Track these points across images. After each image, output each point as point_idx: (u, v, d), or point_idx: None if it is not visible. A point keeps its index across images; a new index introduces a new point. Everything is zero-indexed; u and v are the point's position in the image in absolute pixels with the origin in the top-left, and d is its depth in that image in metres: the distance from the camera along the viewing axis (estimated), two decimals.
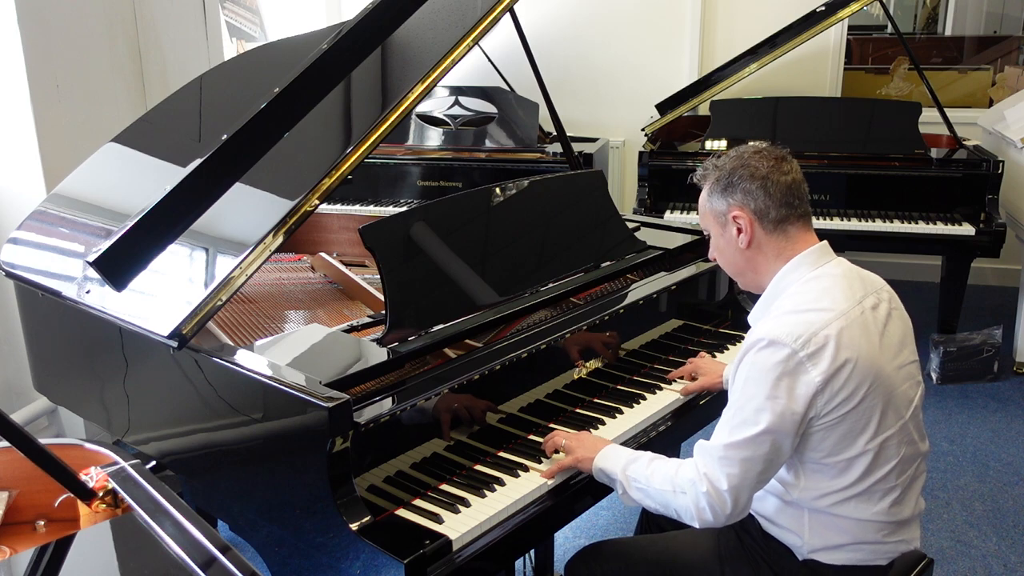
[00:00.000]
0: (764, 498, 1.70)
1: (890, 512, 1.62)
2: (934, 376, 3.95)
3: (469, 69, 4.50)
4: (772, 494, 1.67)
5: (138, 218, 1.65)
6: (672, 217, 3.99)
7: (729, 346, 2.35)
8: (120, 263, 1.65)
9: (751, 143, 1.75)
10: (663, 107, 4.37)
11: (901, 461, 1.61)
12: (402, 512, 1.60)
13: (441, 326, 1.86)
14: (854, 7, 4.00)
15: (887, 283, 1.73)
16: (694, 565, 1.76)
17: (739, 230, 1.67)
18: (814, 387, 1.52)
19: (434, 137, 4.34)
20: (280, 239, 1.79)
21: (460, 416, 1.76)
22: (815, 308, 1.58)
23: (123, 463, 1.39)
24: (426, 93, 2.04)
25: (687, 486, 1.59)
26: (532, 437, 1.87)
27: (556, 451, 1.79)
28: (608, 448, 1.74)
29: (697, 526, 1.60)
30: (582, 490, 1.76)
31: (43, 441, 1.29)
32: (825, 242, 1.70)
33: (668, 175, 4.08)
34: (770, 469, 1.57)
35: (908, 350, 1.66)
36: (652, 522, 2.07)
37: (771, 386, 1.52)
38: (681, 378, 2.14)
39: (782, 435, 1.54)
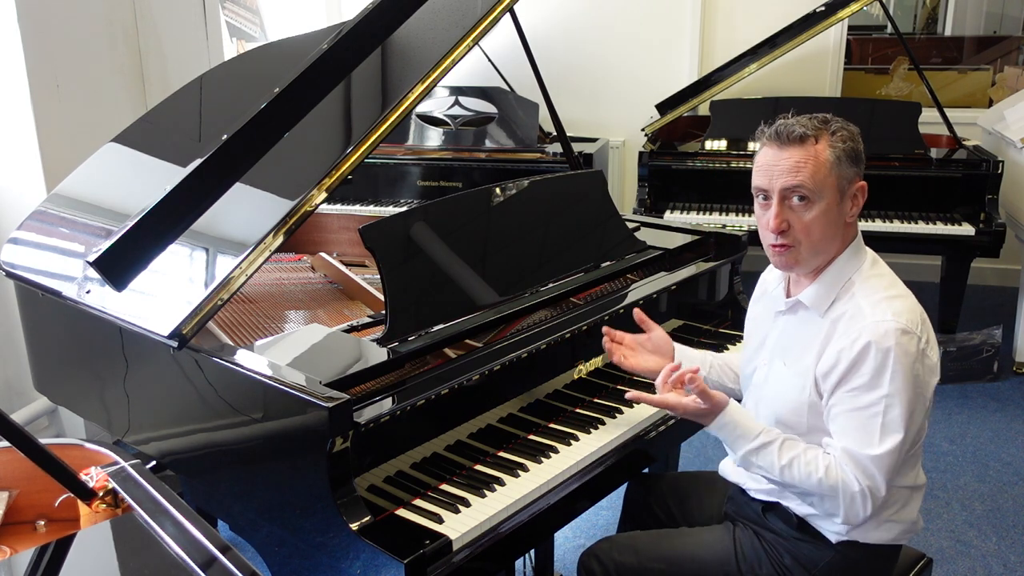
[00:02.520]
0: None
1: (914, 476, 1.66)
2: None
3: (469, 69, 4.50)
4: None
5: (138, 218, 1.65)
6: (672, 217, 4.00)
7: (729, 346, 2.35)
8: (120, 263, 1.65)
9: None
10: (663, 107, 4.37)
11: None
12: (402, 512, 1.60)
13: (441, 326, 1.86)
14: (854, 7, 4.00)
15: None
16: (710, 562, 1.75)
17: (854, 203, 1.61)
18: (936, 372, 1.54)
19: (434, 137, 4.34)
20: (280, 239, 1.79)
21: (460, 416, 1.76)
22: (906, 293, 1.59)
23: (123, 463, 1.39)
24: (426, 93, 2.04)
25: (834, 491, 1.54)
26: (532, 437, 1.87)
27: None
28: (733, 412, 1.62)
29: (843, 525, 1.60)
30: (581, 490, 1.76)
31: (43, 441, 1.29)
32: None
33: (668, 175, 4.09)
34: None
35: None
36: (633, 519, 2.06)
37: (912, 381, 1.51)
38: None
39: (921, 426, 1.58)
